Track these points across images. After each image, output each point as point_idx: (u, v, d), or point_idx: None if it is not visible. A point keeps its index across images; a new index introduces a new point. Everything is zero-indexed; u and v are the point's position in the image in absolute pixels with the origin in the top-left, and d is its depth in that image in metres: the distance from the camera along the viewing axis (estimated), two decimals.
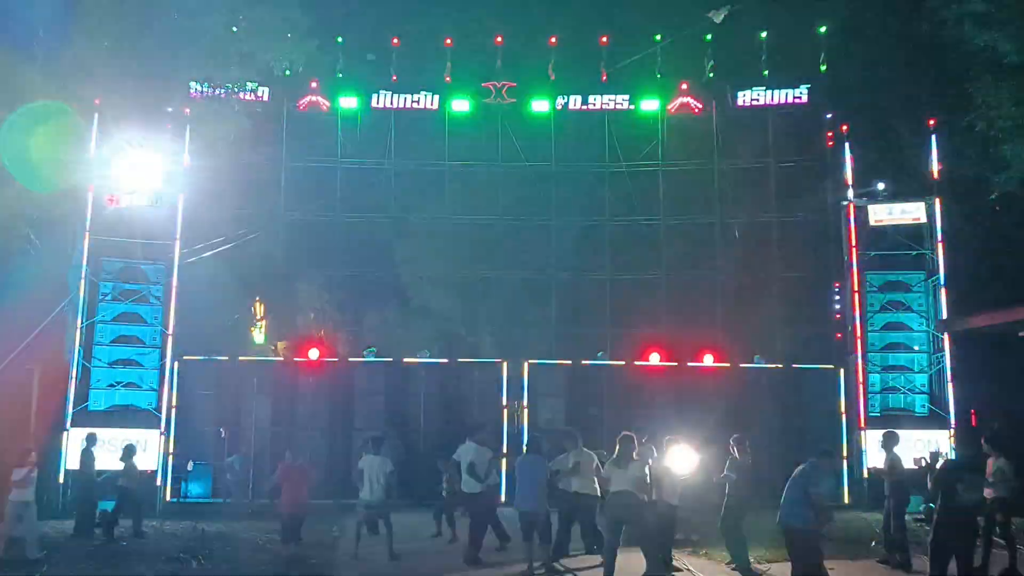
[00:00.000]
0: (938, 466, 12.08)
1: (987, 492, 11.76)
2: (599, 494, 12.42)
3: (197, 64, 17.52)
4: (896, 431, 13.53)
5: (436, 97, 23.16)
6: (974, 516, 9.73)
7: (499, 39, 23.02)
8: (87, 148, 18.69)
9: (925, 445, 17.48)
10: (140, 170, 19.28)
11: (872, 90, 21.26)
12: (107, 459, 17.53)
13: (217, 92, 18.56)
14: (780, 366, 20.94)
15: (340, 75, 22.75)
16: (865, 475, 19.45)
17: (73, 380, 18.91)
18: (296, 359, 20.82)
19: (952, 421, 19.47)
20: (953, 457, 12.18)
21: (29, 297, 19.22)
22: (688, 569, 12.42)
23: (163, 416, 19.27)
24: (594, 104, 23.40)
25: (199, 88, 19.21)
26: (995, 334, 17.29)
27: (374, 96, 23.05)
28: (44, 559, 12.81)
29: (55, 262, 19.42)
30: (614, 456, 11.72)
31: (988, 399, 19.77)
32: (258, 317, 21.49)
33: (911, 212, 20.95)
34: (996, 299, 16.72)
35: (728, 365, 20.93)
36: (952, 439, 12.54)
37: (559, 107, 23.35)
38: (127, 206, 19.81)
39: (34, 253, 17.17)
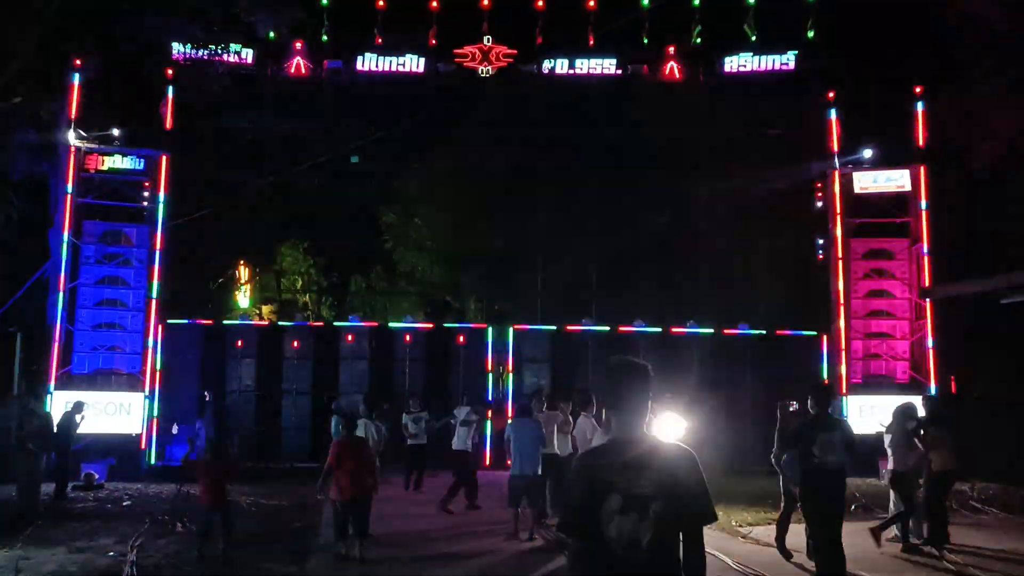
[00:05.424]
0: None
1: None
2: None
3: (181, 26, 17.29)
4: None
5: (422, 61, 22.88)
6: None
7: (486, 2, 22.77)
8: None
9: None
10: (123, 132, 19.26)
11: (859, 58, 21.20)
12: (92, 422, 17.58)
13: (201, 54, 18.34)
14: (764, 332, 21.11)
15: (325, 38, 22.46)
16: None
17: (56, 343, 18.85)
18: (281, 323, 20.81)
19: (932, 388, 19.63)
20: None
21: (10, 260, 19.14)
22: None
23: (147, 380, 19.26)
24: (581, 69, 23.14)
25: (183, 50, 19.00)
26: (976, 301, 17.46)
27: (359, 59, 22.75)
28: None
29: (36, 224, 19.32)
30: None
31: (969, 366, 19.96)
32: (243, 281, 21.39)
33: (896, 180, 21.02)
34: (978, 267, 16.84)
35: (712, 331, 21.11)
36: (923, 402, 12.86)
37: (546, 71, 23.12)
38: (109, 168, 19.73)
39: (15, 215, 16.98)
